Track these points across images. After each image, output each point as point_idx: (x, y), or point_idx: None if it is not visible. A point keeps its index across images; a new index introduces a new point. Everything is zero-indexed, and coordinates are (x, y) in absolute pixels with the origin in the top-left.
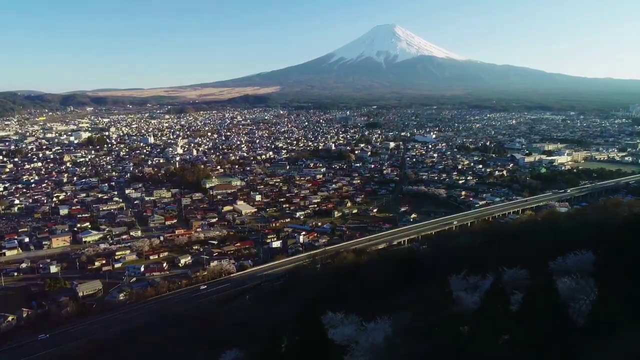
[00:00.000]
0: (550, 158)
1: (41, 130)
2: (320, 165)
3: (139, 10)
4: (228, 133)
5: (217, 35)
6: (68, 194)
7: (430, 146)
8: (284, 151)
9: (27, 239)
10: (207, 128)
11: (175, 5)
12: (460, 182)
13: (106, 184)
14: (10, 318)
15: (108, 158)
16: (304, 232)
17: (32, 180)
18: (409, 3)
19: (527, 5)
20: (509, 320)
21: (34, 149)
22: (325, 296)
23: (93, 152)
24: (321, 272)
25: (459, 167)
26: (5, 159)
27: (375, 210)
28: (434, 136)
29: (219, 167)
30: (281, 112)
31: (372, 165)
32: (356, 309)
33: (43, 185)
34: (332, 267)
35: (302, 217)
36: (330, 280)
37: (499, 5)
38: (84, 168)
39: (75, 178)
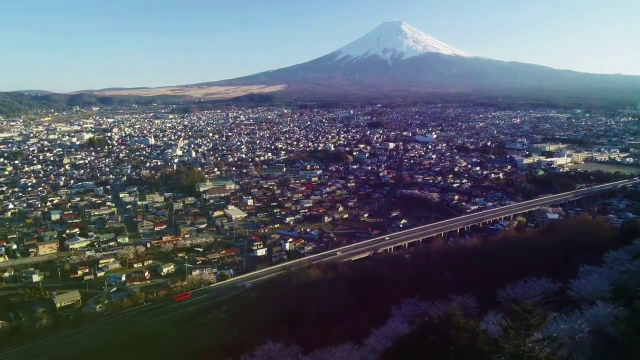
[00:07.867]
0: (549, 159)
1: (45, 131)
2: (317, 167)
3: (147, 10)
4: (229, 133)
5: (223, 34)
6: (62, 197)
7: (430, 146)
8: (282, 152)
9: (14, 246)
10: (209, 128)
11: (183, 6)
12: (455, 185)
13: (102, 187)
14: None
15: (107, 160)
16: (290, 239)
17: (29, 184)
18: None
19: (536, 1)
20: None
21: (35, 151)
22: (282, 317)
23: (93, 153)
24: (287, 290)
25: (456, 169)
26: (5, 162)
27: (366, 215)
28: (434, 136)
29: (216, 169)
30: (285, 111)
31: (369, 167)
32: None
33: (39, 188)
34: (302, 282)
35: (292, 222)
36: (292, 300)
37: (507, 0)
38: (82, 171)
39: (72, 181)
